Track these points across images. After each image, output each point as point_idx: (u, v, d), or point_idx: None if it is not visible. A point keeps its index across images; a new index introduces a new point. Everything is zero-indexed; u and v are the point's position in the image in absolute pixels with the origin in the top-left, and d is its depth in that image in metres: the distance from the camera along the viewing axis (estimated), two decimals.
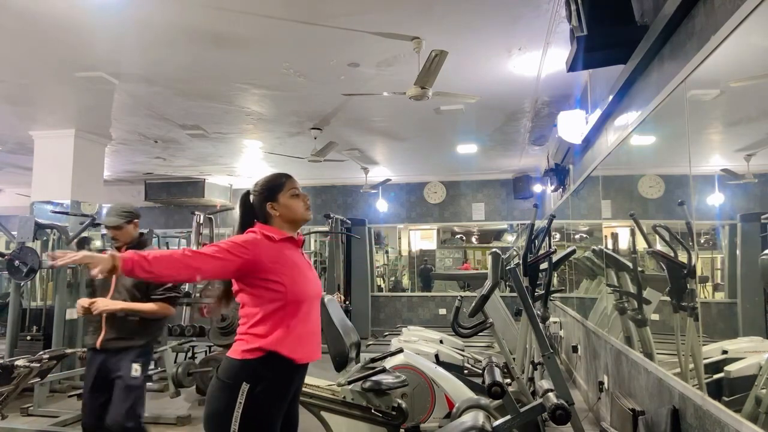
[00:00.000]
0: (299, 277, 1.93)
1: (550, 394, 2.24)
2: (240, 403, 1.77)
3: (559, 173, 5.90)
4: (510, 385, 3.66)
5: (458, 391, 3.64)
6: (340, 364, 3.19)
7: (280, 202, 2.00)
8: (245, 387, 1.78)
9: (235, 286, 1.94)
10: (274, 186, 2.02)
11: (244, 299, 1.91)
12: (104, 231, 7.86)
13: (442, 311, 9.40)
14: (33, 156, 6.38)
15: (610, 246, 3.73)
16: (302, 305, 1.92)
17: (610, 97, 3.29)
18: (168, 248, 8.49)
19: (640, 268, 3.05)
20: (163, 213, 10.60)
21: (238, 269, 1.84)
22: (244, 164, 8.54)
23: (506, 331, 5.60)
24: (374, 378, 3.11)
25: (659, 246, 2.69)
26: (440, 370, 3.83)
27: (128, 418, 2.75)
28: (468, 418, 2.23)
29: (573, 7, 2.54)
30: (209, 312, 6.55)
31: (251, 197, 2.05)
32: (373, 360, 3.48)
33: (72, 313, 5.67)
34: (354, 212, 9.96)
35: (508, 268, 3.66)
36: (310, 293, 1.97)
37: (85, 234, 6.05)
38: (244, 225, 2.04)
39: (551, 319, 5.69)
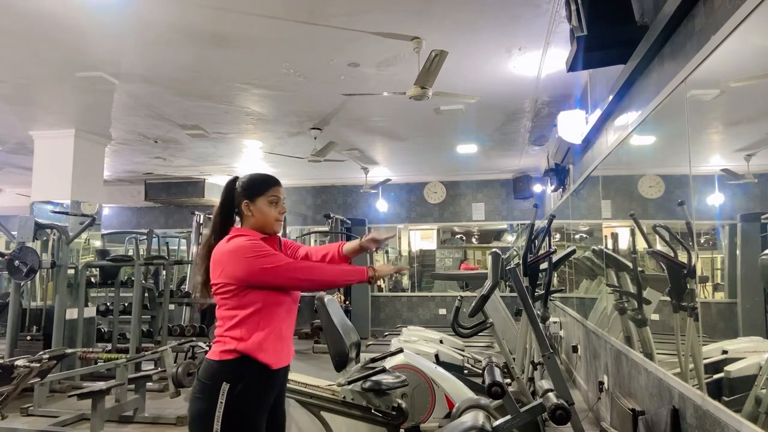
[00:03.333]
0: None
1: (550, 394, 2.24)
2: (221, 402, 1.78)
3: (559, 173, 5.90)
4: (510, 385, 3.66)
5: (458, 391, 3.64)
6: (340, 364, 3.19)
7: (256, 205, 1.97)
8: (225, 387, 1.79)
9: (215, 288, 1.90)
10: (258, 187, 2.00)
11: (222, 301, 1.89)
12: (104, 231, 7.87)
13: (442, 311, 9.40)
14: (33, 156, 6.38)
15: (610, 246, 3.73)
16: (280, 309, 1.91)
17: (610, 97, 3.29)
18: (168, 249, 8.47)
19: (640, 268, 3.05)
20: (163, 213, 10.60)
21: None
22: (244, 164, 8.53)
23: (506, 331, 5.59)
24: (374, 378, 3.10)
25: (659, 246, 2.69)
26: (440, 370, 3.83)
27: None
28: (468, 418, 2.23)
29: (573, 7, 2.54)
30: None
31: (236, 185, 2.03)
32: (373, 360, 3.48)
33: (72, 313, 5.68)
34: (354, 212, 9.95)
35: (508, 268, 3.66)
36: (288, 297, 1.96)
37: (84, 234, 6.05)
38: (224, 211, 2.01)
39: (551, 319, 5.68)
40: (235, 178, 2.05)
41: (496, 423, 2.23)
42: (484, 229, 10.24)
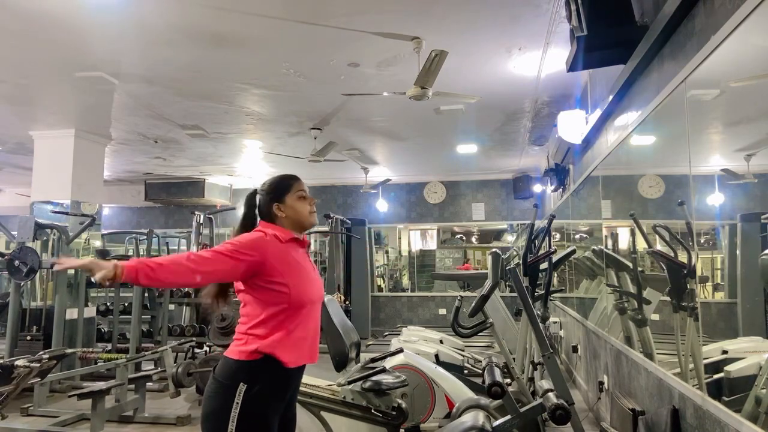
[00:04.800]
0: (304, 280, 1.92)
1: (550, 394, 2.24)
2: (237, 403, 1.77)
3: (559, 173, 5.90)
4: (510, 385, 3.66)
5: (458, 391, 3.64)
6: (340, 364, 3.19)
7: (286, 204, 1.99)
8: (242, 387, 1.78)
9: (237, 285, 1.92)
10: (282, 187, 2.01)
11: (246, 299, 1.89)
12: (104, 231, 7.87)
13: (442, 311, 9.40)
14: (33, 156, 6.38)
15: (610, 246, 3.73)
16: (304, 308, 1.91)
17: (610, 97, 3.29)
18: (168, 249, 8.48)
19: (640, 268, 3.05)
20: (163, 213, 10.60)
21: (245, 271, 1.82)
22: (244, 164, 8.54)
23: (506, 331, 5.59)
24: (374, 378, 3.10)
25: (659, 246, 2.69)
26: (440, 370, 3.83)
27: None
28: (468, 418, 2.23)
29: (573, 7, 2.54)
30: (205, 311, 6.52)
31: (258, 197, 2.04)
32: (373, 360, 3.48)
33: (72, 313, 5.68)
34: (354, 212, 9.95)
35: (508, 268, 3.66)
36: (313, 296, 1.95)
37: (85, 234, 6.05)
38: (246, 224, 2.02)
39: (551, 319, 5.69)
40: (255, 191, 2.06)
41: (496, 423, 2.23)
42: (484, 229, 10.24)
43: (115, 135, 6.65)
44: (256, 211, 2.04)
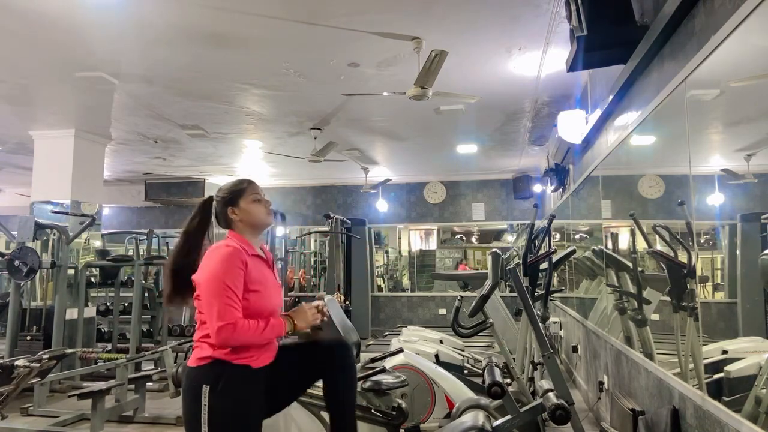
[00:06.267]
0: (264, 293, 1.95)
1: (550, 394, 2.24)
2: (204, 405, 1.80)
3: (559, 173, 5.90)
4: (510, 385, 3.66)
5: (458, 391, 3.64)
6: None
7: (241, 207, 2.00)
8: (205, 389, 1.81)
9: (197, 293, 1.91)
10: (236, 191, 2.02)
11: (200, 304, 1.90)
12: (104, 231, 7.86)
13: (442, 311, 9.39)
14: (33, 156, 6.38)
15: (610, 246, 3.73)
16: (261, 317, 1.93)
17: (610, 97, 3.29)
18: (168, 248, 8.46)
19: (640, 268, 3.05)
20: (163, 213, 10.60)
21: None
22: (244, 164, 8.54)
23: (506, 331, 5.59)
24: (374, 378, 3.10)
25: (659, 246, 2.69)
26: (440, 370, 3.83)
27: None
28: (468, 418, 2.23)
29: (573, 7, 2.54)
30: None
31: (214, 203, 2.05)
32: (373, 360, 3.48)
33: (72, 313, 5.68)
34: (354, 212, 9.95)
35: (508, 268, 3.66)
36: (269, 308, 1.97)
37: (84, 234, 6.05)
38: (198, 231, 2.03)
39: (551, 319, 5.68)
40: (210, 197, 2.07)
41: (496, 423, 2.23)
42: (484, 229, 10.24)
43: (115, 135, 6.65)
44: (213, 218, 2.04)
